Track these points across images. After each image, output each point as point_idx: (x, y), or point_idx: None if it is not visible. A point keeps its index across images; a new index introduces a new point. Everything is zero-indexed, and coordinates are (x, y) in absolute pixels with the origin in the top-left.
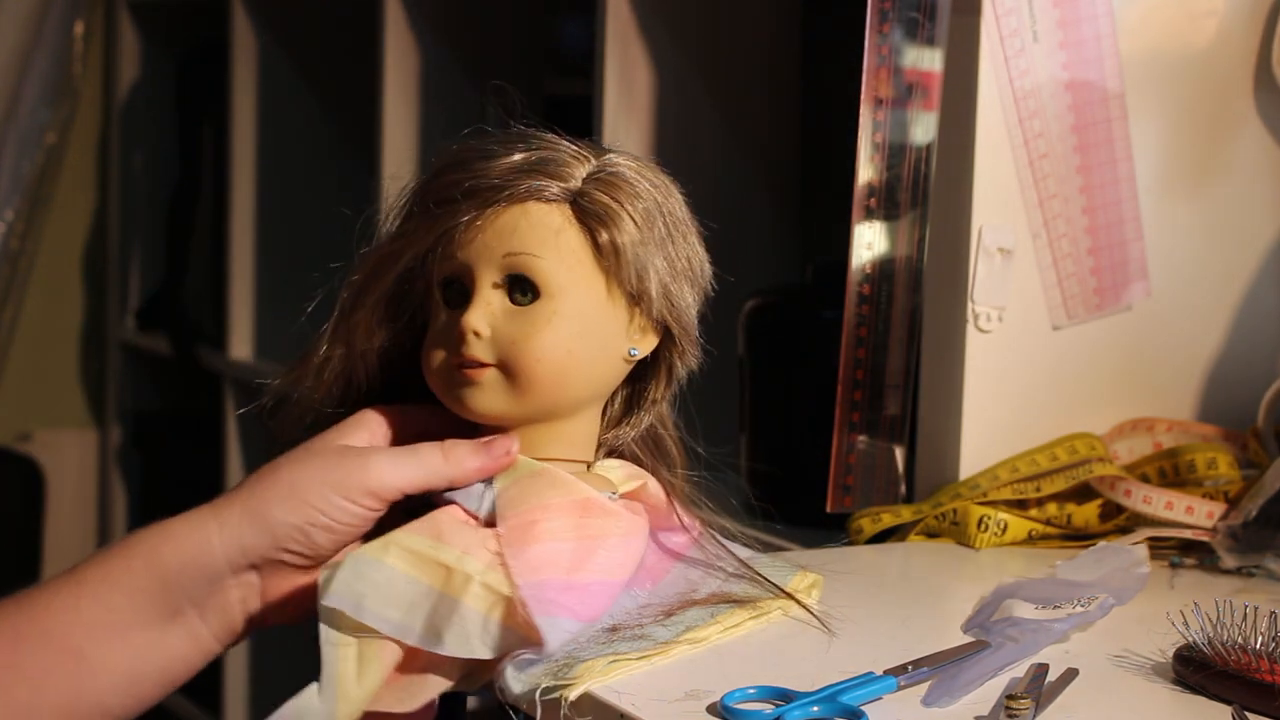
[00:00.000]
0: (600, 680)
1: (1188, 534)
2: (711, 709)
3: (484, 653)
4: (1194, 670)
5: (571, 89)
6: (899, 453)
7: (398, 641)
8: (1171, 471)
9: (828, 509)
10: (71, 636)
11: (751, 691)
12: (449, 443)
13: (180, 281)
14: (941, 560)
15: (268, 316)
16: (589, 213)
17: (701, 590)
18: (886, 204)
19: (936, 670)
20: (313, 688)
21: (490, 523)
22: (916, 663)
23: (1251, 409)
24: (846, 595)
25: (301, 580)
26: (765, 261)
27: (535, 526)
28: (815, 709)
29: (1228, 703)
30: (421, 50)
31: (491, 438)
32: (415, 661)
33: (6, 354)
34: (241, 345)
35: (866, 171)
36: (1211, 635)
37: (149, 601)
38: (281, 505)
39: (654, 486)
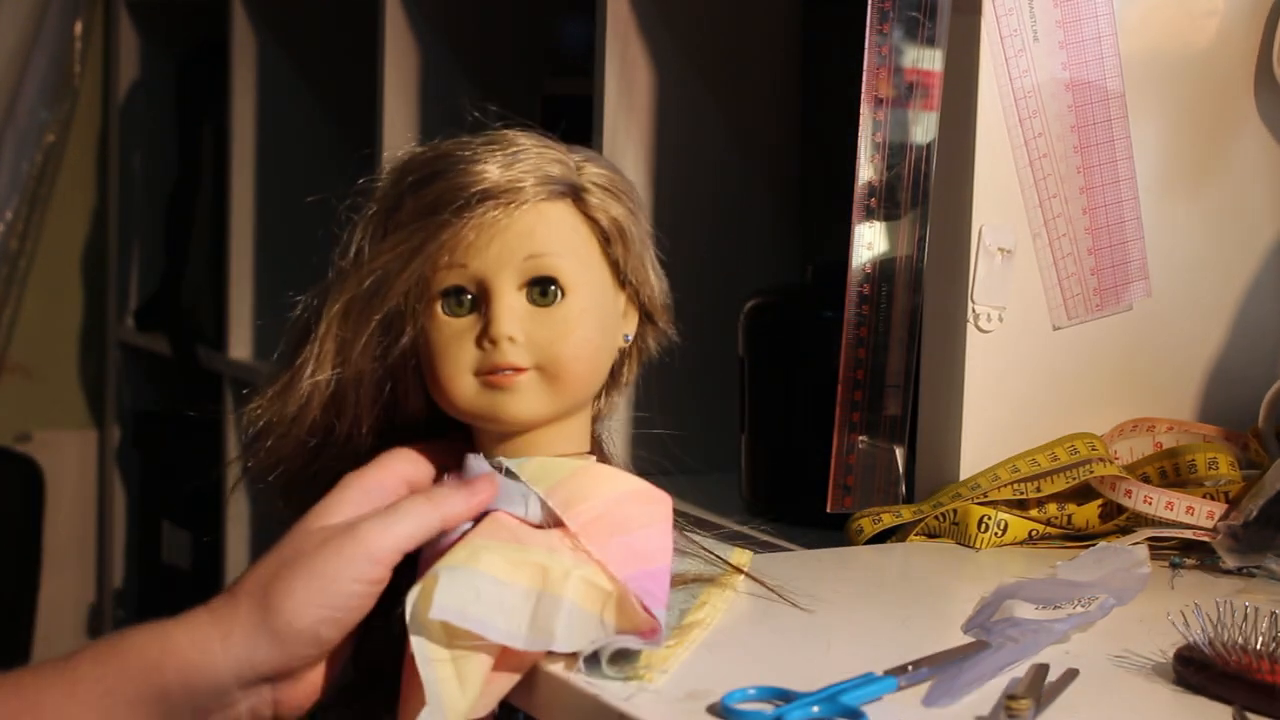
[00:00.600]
0: (663, 669)
1: (1188, 534)
2: (712, 709)
3: (599, 645)
4: (1195, 671)
5: (571, 89)
6: (899, 453)
7: (493, 647)
8: (1172, 471)
9: (828, 509)
10: None
11: (751, 691)
12: (435, 491)
13: (180, 281)
14: (942, 560)
15: (267, 316)
16: (592, 204)
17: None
18: (887, 204)
19: (937, 670)
20: (424, 716)
21: (544, 525)
22: (917, 663)
23: (1252, 409)
24: (846, 595)
25: (310, 675)
26: (765, 261)
27: (606, 520)
28: (815, 709)
29: (1229, 703)
30: (421, 50)
31: (470, 479)
32: (496, 663)
33: (6, 354)
34: (241, 345)
35: (866, 171)
36: (1212, 636)
37: (148, 712)
38: (284, 615)
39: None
